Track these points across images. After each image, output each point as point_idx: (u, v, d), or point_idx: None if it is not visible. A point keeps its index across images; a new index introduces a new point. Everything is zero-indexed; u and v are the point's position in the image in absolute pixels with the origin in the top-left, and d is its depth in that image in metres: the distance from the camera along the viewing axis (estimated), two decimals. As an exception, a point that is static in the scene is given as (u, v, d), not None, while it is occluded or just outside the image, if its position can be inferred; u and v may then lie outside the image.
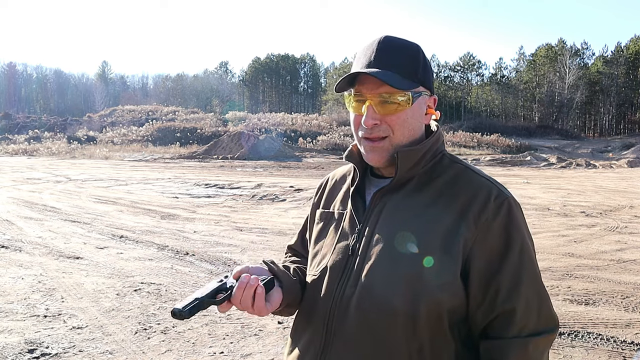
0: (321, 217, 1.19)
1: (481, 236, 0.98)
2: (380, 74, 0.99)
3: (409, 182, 1.06)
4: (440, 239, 0.98)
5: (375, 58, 1.02)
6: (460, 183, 1.04)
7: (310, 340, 1.08)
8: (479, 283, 0.98)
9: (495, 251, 0.98)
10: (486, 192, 1.01)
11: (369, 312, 0.99)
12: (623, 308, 4.60)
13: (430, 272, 0.97)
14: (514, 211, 1.01)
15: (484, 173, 1.09)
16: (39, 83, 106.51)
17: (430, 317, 0.96)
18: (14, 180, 16.45)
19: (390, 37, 1.04)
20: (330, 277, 1.07)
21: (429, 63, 1.07)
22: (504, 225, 0.99)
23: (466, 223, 0.98)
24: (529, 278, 0.99)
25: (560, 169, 27.28)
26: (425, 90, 1.06)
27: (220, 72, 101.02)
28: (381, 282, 0.99)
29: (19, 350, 3.63)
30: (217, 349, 3.74)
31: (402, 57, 1.02)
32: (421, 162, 1.06)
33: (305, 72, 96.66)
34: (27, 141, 40.05)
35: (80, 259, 6.23)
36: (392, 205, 1.05)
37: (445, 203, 1.01)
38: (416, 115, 1.05)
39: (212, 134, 39.52)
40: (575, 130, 65.21)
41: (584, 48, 71.30)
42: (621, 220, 9.34)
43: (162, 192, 13.53)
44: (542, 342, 0.99)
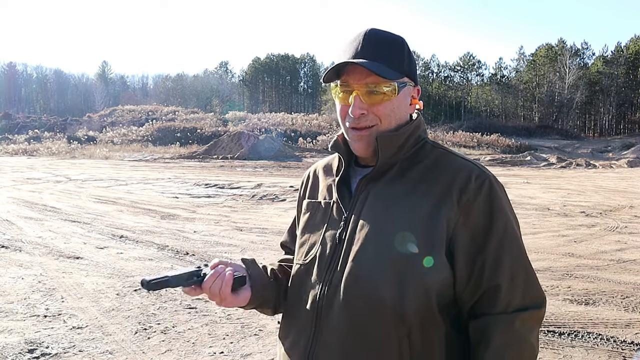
0: (307, 207, 1.21)
1: (464, 215, 0.99)
2: (368, 64, 1.01)
3: (391, 169, 1.08)
4: (423, 222, 0.99)
5: (362, 49, 1.03)
6: (441, 166, 1.06)
7: (302, 327, 1.09)
8: (464, 262, 0.99)
9: (478, 229, 1.00)
10: (467, 172, 1.03)
11: (357, 298, 1.00)
12: (623, 308, 4.60)
13: (415, 256, 0.98)
14: (496, 189, 1.02)
15: (465, 155, 1.11)
16: (39, 83, 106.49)
17: (419, 301, 0.97)
18: (14, 180, 16.45)
19: (376, 30, 1.06)
20: (318, 266, 1.09)
21: (413, 55, 1.10)
22: (486, 203, 1.00)
23: (449, 204, 0.99)
24: (513, 254, 1.01)
25: (560, 169, 27.29)
26: (409, 81, 1.08)
27: (220, 72, 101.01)
28: (368, 269, 1.00)
29: (19, 350, 3.63)
30: (217, 349, 3.74)
31: (387, 48, 1.04)
32: (403, 149, 1.07)
33: (305, 72, 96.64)
34: (27, 141, 40.05)
35: (80, 258, 6.23)
36: (376, 192, 1.07)
37: (427, 187, 1.03)
38: (402, 105, 1.07)
39: (212, 134, 39.51)
40: (575, 130, 65.21)
41: (584, 48, 71.33)
42: (621, 220, 9.34)
43: (162, 192, 13.54)
44: (529, 317, 0.99)
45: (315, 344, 1.05)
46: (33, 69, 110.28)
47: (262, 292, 1.16)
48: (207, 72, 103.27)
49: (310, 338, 1.06)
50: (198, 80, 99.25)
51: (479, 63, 78.34)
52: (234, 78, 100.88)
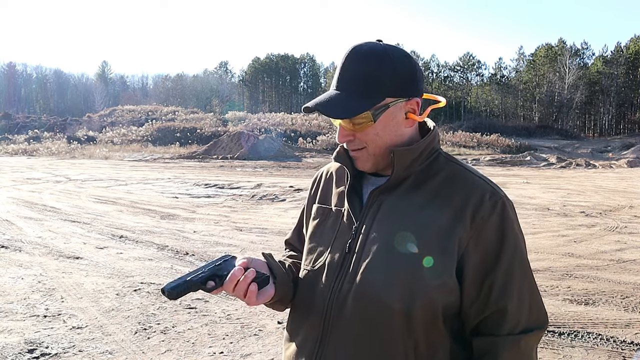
0: (318, 212, 1.21)
1: (476, 235, 1.00)
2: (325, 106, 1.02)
3: (405, 181, 1.08)
4: (436, 238, 1.00)
5: (340, 78, 1.04)
6: (455, 182, 1.06)
7: (308, 335, 1.10)
8: (473, 280, 1.01)
9: (489, 249, 1.01)
10: (481, 191, 1.04)
11: (365, 310, 1.01)
12: (623, 308, 4.60)
13: (427, 271, 0.99)
14: (508, 210, 1.04)
15: (479, 172, 1.11)
16: (39, 83, 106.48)
17: (426, 314, 0.99)
18: (13, 180, 16.44)
19: (356, 50, 1.04)
20: (327, 274, 1.09)
21: (402, 68, 1.04)
22: (498, 224, 1.01)
23: (462, 222, 1.00)
24: (522, 276, 1.03)
25: (560, 169, 27.29)
26: (395, 99, 1.03)
27: (220, 72, 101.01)
28: (378, 281, 1.01)
29: (19, 350, 3.63)
30: (217, 349, 3.74)
31: (360, 75, 1.02)
32: (417, 161, 1.07)
33: (305, 72, 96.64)
34: (27, 141, 40.04)
35: (80, 259, 6.23)
36: (388, 203, 1.07)
37: (441, 202, 1.04)
38: (388, 127, 1.05)
39: (212, 134, 39.51)
40: (575, 130, 65.21)
41: (583, 48, 71.35)
42: (621, 220, 9.34)
43: (162, 192, 13.53)
44: (533, 338, 1.02)
45: (322, 352, 1.06)
46: (33, 69, 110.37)
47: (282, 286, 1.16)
48: (206, 72, 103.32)
49: (317, 345, 1.07)
50: (198, 80, 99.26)
51: (478, 63, 78.40)
52: (234, 78, 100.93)
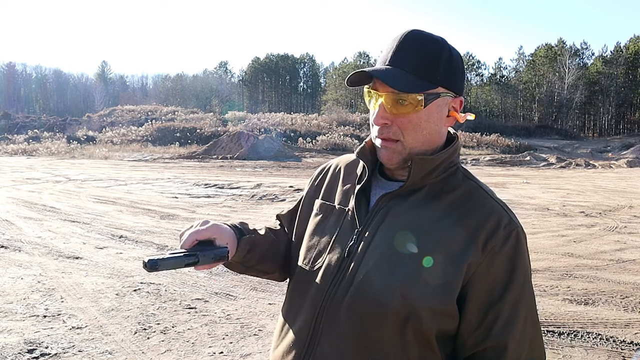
0: (321, 208, 1.15)
1: (486, 263, 0.95)
2: (386, 74, 0.96)
3: (418, 191, 1.02)
4: (443, 258, 0.95)
5: (393, 55, 0.98)
6: (471, 203, 1.00)
7: (297, 336, 1.05)
8: (476, 309, 0.96)
9: (498, 280, 0.96)
10: (497, 218, 0.98)
11: (359, 318, 0.97)
12: (622, 308, 4.60)
13: (428, 290, 0.94)
14: (522, 242, 0.99)
15: (496, 195, 1.05)
16: (39, 83, 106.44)
17: (420, 334, 0.95)
18: (13, 180, 16.44)
19: (415, 33, 0.99)
20: (323, 277, 1.04)
21: (457, 61, 1.01)
22: (511, 255, 0.97)
23: (473, 247, 0.95)
24: (527, 311, 0.98)
25: (559, 169, 27.31)
26: (446, 91, 0.99)
27: (220, 72, 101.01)
28: (375, 291, 0.96)
29: (19, 350, 3.63)
30: (217, 349, 3.74)
31: (420, 54, 0.97)
32: (434, 172, 1.02)
33: (305, 72, 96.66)
34: (27, 141, 40.02)
35: (79, 259, 6.23)
36: (397, 212, 1.01)
37: (454, 222, 0.98)
38: (432, 119, 0.99)
39: (212, 134, 39.49)
40: (574, 130, 65.24)
41: (583, 48, 71.40)
42: (620, 220, 9.35)
43: (162, 192, 13.53)
44: None
45: (310, 357, 1.01)
46: (32, 69, 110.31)
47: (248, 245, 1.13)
48: (206, 72, 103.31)
49: (304, 348, 1.02)
50: (197, 80, 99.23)
51: (478, 63, 78.41)
52: (234, 78, 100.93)
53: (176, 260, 1.00)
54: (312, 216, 1.16)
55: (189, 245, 1.03)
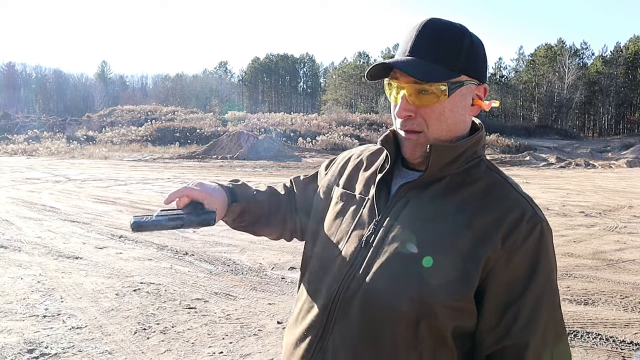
0: (341, 197, 1.12)
1: (506, 258, 0.91)
2: (407, 64, 0.93)
3: (439, 181, 0.98)
4: (462, 251, 0.91)
5: (413, 45, 0.95)
6: (493, 195, 0.96)
7: (309, 327, 1.04)
8: (495, 307, 0.92)
9: (518, 276, 0.91)
10: (520, 210, 0.94)
11: (372, 310, 0.95)
12: (622, 308, 4.60)
13: (445, 284, 0.90)
14: (546, 237, 0.94)
15: (521, 189, 1.00)
16: (38, 83, 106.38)
17: (434, 329, 0.92)
18: (13, 180, 16.43)
19: (434, 21, 0.96)
20: (339, 266, 1.02)
21: (479, 48, 0.98)
22: (533, 250, 0.92)
23: (493, 241, 0.91)
24: (550, 309, 0.94)
25: (559, 169, 27.31)
26: (469, 79, 0.96)
27: (220, 72, 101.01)
28: (389, 283, 0.94)
29: (18, 350, 3.63)
30: (217, 349, 3.74)
31: (441, 43, 0.94)
32: (456, 162, 0.98)
33: (305, 72, 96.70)
34: (26, 141, 39.98)
35: (79, 258, 6.23)
36: (416, 202, 0.98)
37: (474, 213, 0.94)
38: (456, 108, 0.96)
39: (212, 134, 39.47)
40: (574, 130, 65.25)
41: (583, 48, 71.45)
42: (620, 220, 9.35)
43: (162, 192, 13.52)
44: None
45: (322, 345, 1.00)
46: (32, 69, 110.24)
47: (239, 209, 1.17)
48: (206, 72, 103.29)
49: (318, 337, 1.01)
50: (197, 80, 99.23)
51: (478, 63, 78.34)
52: (233, 78, 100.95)
53: (161, 223, 1.03)
54: (332, 204, 1.14)
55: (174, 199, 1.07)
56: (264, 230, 1.28)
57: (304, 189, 1.28)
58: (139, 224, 1.01)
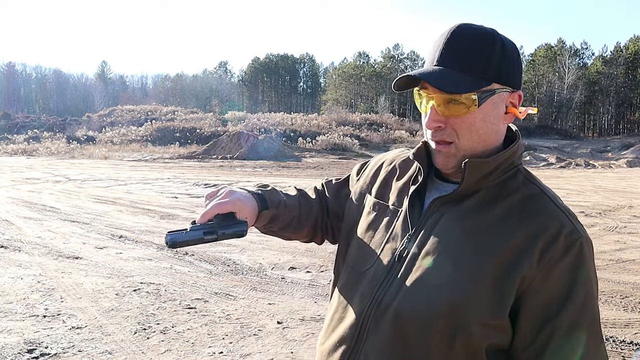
0: (374, 207, 1.11)
1: (542, 275, 0.88)
2: (434, 76, 0.91)
3: (474, 195, 0.96)
4: (496, 267, 0.89)
5: (442, 54, 0.92)
6: (530, 208, 0.93)
7: (342, 338, 1.02)
8: (530, 324, 0.89)
9: (555, 294, 0.88)
10: (558, 225, 0.90)
11: (405, 326, 0.93)
12: (622, 308, 4.60)
13: (479, 302, 0.88)
14: (585, 253, 0.90)
15: (561, 202, 0.97)
16: (38, 83, 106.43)
17: (468, 347, 0.90)
18: (13, 180, 16.43)
19: (463, 27, 0.93)
20: (372, 279, 1.00)
21: (511, 52, 0.94)
22: (571, 267, 0.88)
23: (529, 258, 0.88)
24: (588, 329, 0.89)
25: (559, 168, 27.31)
26: (501, 87, 0.93)
27: (220, 72, 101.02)
28: (423, 299, 0.92)
29: (18, 350, 3.63)
30: (217, 349, 3.74)
31: (470, 51, 0.91)
32: (491, 175, 0.95)
33: (305, 72, 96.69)
34: (26, 141, 39.99)
35: (79, 258, 6.23)
36: (451, 216, 0.96)
37: (510, 228, 0.91)
38: (488, 118, 0.94)
39: (212, 134, 39.48)
40: (574, 130, 65.25)
41: (583, 48, 71.43)
42: (620, 220, 9.35)
43: (162, 192, 13.53)
44: None
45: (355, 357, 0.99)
46: (32, 69, 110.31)
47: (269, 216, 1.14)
48: (206, 72, 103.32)
49: (350, 349, 1.00)
50: (197, 80, 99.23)
51: (478, 63, 78.35)
52: (233, 78, 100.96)
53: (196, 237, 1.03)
54: (364, 214, 1.12)
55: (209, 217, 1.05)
56: (295, 235, 1.26)
57: (336, 192, 1.27)
58: (174, 240, 1.01)
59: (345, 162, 27.95)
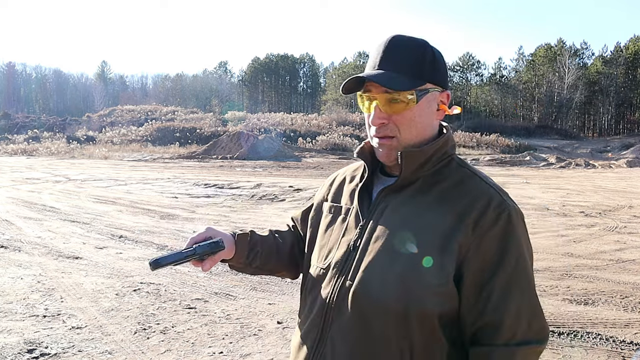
0: (330, 210, 1.23)
1: (476, 243, 0.99)
2: (379, 76, 1.03)
3: (413, 184, 1.08)
4: (437, 241, 1.00)
5: (381, 59, 1.05)
6: (464, 188, 1.05)
7: (309, 330, 1.12)
8: (471, 289, 1.00)
9: (488, 260, 0.99)
10: (487, 199, 1.02)
11: (364, 308, 1.02)
12: (622, 308, 4.61)
13: (426, 274, 0.99)
14: (514, 222, 1.01)
15: (492, 180, 1.09)
16: (38, 83, 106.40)
17: (422, 318, 0.99)
18: (13, 180, 16.43)
19: (398, 37, 1.07)
20: (332, 271, 1.11)
21: (440, 59, 1.08)
22: (501, 235, 1.00)
23: (463, 228, 0.99)
24: (521, 290, 1.00)
25: (559, 169, 27.31)
26: (434, 87, 1.07)
27: (220, 72, 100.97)
28: (377, 279, 1.02)
29: (18, 350, 3.63)
30: (217, 349, 3.74)
31: (406, 56, 1.05)
32: (427, 164, 1.07)
33: (305, 72, 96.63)
34: (26, 141, 40.01)
35: (79, 258, 6.23)
36: (395, 204, 1.08)
37: (446, 206, 1.03)
38: (424, 113, 1.06)
39: (212, 134, 39.48)
40: (574, 130, 65.22)
41: (583, 48, 71.34)
42: (620, 220, 9.35)
43: (162, 192, 13.53)
44: (531, 352, 1.00)
45: (320, 348, 1.08)
46: (32, 69, 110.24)
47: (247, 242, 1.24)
48: (206, 72, 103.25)
49: (316, 341, 1.10)
50: (197, 80, 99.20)
51: (478, 63, 78.36)
52: (233, 78, 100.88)
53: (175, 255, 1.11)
54: (322, 218, 1.25)
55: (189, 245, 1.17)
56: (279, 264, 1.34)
57: (303, 218, 1.37)
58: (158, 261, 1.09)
59: (345, 162, 27.94)
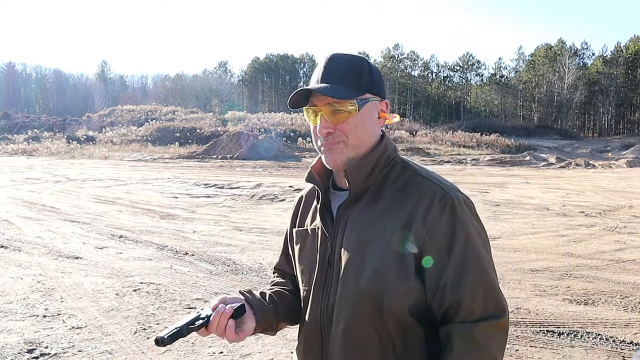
0: (297, 235, 1.31)
1: (429, 236, 1.08)
2: (322, 88, 1.11)
3: (365, 194, 1.16)
4: (397, 242, 1.09)
5: (323, 74, 1.13)
6: (409, 189, 1.14)
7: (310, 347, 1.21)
8: (432, 279, 1.09)
9: (441, 249, 1.08)
10: (431, 195, 1.11)
11: (347, 317, 1.12)
12: (622, 308, 4.60)
13: (391, 275, 1.08)
14: (458, 209, 1.10)
15: (434, 175, 1.17)
16: (38, 83, 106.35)
17: (396, 313, 1.09)
18: (13, 180, 16.44)
19: (337, 55, 1.16)
20: (315, 291, 1.20)
21: (376, 72, 1.18)
22: (449, 224, 1.09)
23: (415, 226, 1.08)
24: (474, 270, 1.08)
25: (559, 169, 27.31)
26: (373, 96, 1.15)
27: (220, 72, 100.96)
28: (351, 283, 1.12)
29: (18, 350, 3.63)
30: (217, 349, 3.74)
31: (346, 70, 1.13)
32: (372, 174, 1.15)
33: (305, 72, 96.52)
34: (26, 141, 40.03)
35: (79, 258, 6.23)
36: (353, 216, 1.16)
37: (398, 208, 1.12)
38: (367, 120, 1.14)
39: (212, 134, 39.50)
40: (574, 130, 65.25)
41: (583, 48, 71.39)
42: (620, 220, 9.35)
43: (162, 192, 13.53)
44: (489, 327, 1.07)
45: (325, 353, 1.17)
46: (32, 69, 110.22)
47: (264, 318, 1.25)
48: (206, 72, 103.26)
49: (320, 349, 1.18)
50: (197, 80, 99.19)
51: (478, 63, 78.39)
52: (233, 78, 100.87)
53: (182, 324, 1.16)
54: (294, 244, 1.32)
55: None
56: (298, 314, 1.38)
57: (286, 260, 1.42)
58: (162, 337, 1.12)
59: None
